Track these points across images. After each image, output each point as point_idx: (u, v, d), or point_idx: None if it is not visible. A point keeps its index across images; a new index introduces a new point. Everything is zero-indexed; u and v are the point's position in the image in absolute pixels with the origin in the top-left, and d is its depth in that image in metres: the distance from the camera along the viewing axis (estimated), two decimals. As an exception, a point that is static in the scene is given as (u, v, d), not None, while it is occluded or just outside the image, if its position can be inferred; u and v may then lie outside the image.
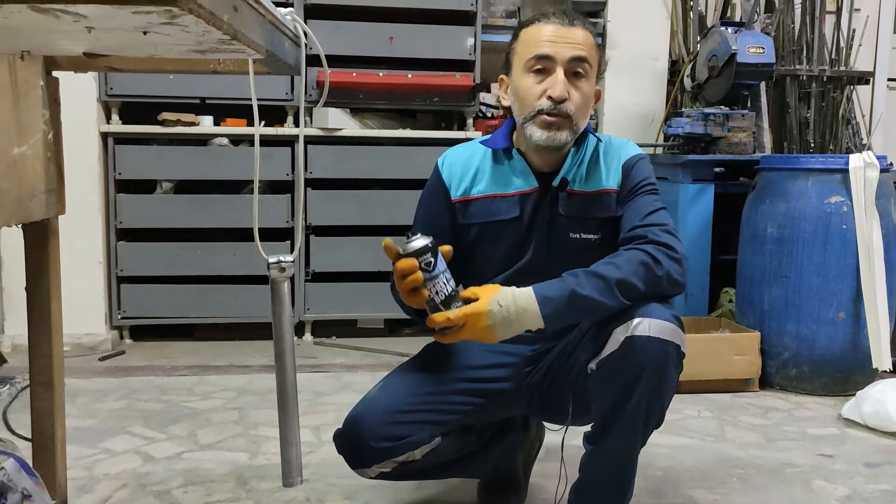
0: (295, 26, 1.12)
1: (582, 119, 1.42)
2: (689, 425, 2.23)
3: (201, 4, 0.64)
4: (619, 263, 1.29)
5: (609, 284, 1.26)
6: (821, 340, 2.49)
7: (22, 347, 2.85)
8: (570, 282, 1.27)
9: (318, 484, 1.76)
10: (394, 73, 3.06)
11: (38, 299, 1.22)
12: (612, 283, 1.26)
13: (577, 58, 1.38)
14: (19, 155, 1.07)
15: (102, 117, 3.00)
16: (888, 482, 1.84)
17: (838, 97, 3.34)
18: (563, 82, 1.37)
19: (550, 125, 1.38)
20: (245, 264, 3.01)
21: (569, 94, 1.38)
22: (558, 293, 1.26)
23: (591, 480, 1.38)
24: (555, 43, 1.37)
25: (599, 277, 1.27)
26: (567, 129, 1.40)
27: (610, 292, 1.26)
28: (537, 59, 1.38)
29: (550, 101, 1.37)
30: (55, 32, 0.74)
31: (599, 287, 1.26)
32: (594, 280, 1.26)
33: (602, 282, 1.26)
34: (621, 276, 1.27)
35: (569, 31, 1.38)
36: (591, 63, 1.40)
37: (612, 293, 1.26)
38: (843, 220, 2.46)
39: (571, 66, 1.38)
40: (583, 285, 1.26)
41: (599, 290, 1.26)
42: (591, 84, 1.42)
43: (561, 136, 1.40)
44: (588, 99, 1.42)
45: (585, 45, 1.39)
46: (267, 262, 1.14)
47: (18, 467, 1.09)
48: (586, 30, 1.41)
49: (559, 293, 1.26)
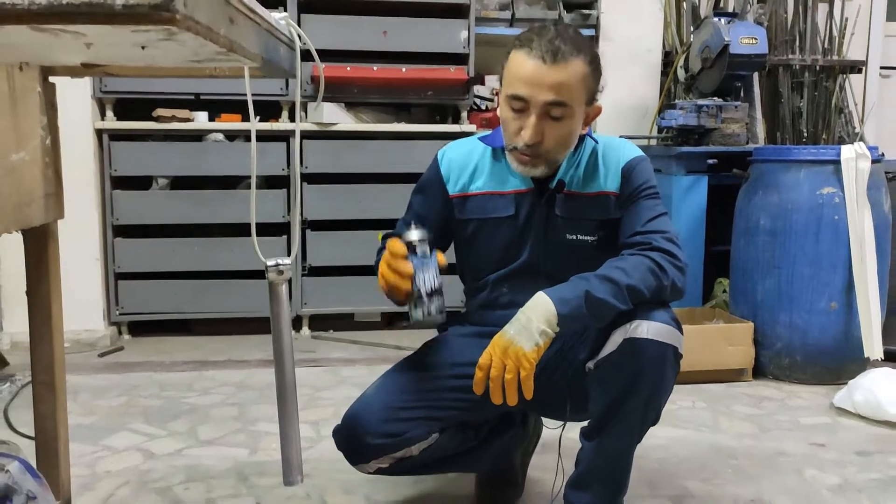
0: (290, 30, 1.13)
1: (562, 152, 1.41)
2: (683, 416, 2.26)
3: (198, 21, 0.65)
4: (628, 270, 1.30)
5: (621, 289, 1.28)
6: (813, 330, 2.52)
7: (21, 344, 2.87)
8: (584, 284, 1.28)
9: (318, 479, 1.78)
10: (388, 67, 3.06)
11: (39, 302, 1.23)
12: (624, 287, 1.28)
13: (552, 102, 1.33)
14: (18, 161, 1.08)
15: (97, 114, 3.00)
16: (879, 471, 1.87)
17: (831, 86, 3.36)
18: (534, 128, 1.34)
19: (525, 162, 1.39)
20: (242, 259, 3.02)
21: (543, 135, 1.35)
22: (573, 294, 1.27)
23: (588, 475, 1.40)
24: (531, 85, 1.32)
25: (611, 282, 1.28)
26: (542, 164, 1.40)
27: (622, 296, 1.28)
28: (513, 98, 1.35)
29: (523, 143, 1.36)
30: (54, 47, 0.75)
31: (612, 291, 1.27)
32: (607, 284, 1.28)
33: (615, 286, 1.28)
34: (632, 282, 1.28)
35: (548, 73, 1.31)
36: (571, 103, 1.34)
37: (624, 297, 1.28)
38: (835, 210, 2.48)
39: (547, 110, 1.34)
40: (596, 288, 1.27)
41: (613, 293, 1.27)
42: (574, 119, 1.37)
43: (536, 171, 1.41)
44: (569, 135, 1.38)
45: (566, 85, 1.32)
46: (265, 264, 1.15)
47: (23, 469, 1.11)
48: (573, 63, 1.32)
49: (574, 294, 1.27)
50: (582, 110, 1.39)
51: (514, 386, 1.25)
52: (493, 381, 1.25)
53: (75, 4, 0.59)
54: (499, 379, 1.25)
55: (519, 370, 1.24)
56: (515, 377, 1.24)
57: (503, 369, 1.24)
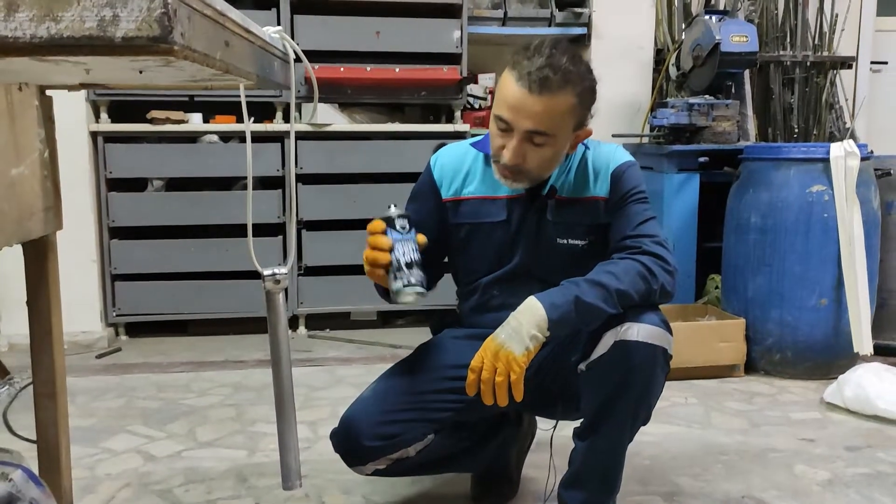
0: (283, 44, 1.15)
1: (546, 171, 1.42)
2: (676, 412, 2.29)
3: (195, 49, 0.67)
4: (618, 273, 1.32)
5: (610, 293, 1.30)
6: (804, 326, 2.55)
7: (19, 347, 2.88)
8: (574, 290, 1.30)
9: (316, 479, 1.81)
10: (381, 67, 3.08)
11: (39, 312, 1.25)
12: (613, 292, 1.30)
13: (533, 131, 1.33)
14: (17, 175, 1.10)
15: (91, 116, 3.01)
16: (868, 465, 1.91)
17: (822, 82, 3.38)
18: (514, 151, 1.35)
19: (507, 177, 1.40)
20: (238, 260, 3.03)
21: (525, 158, 1.36)
22: (563, 300, 1.29)
23: (580, 474, 1.43)
24: (515, 111, 1.32)
25: (601, 286, 1.30)
26: (524, 180, 1.41)
27: (611, 301, 1.30)
28: (498, 118, 1.36)
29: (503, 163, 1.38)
30: (54, 72, 0.77)
31: (602, 295, 1.30)
32: (597, 288, 1.30)
33: (605, 291, 1.30)
34: (621, 286, 1.31)
35: (532, 102, 1.31)
36: (554, 133, 1.34)
37: (613, 302, 1.30)
38: (825, 208, 2.51)
39: (528, 136, 1.34)
40: (586, 293, 1.29)
41: (602, 298, 1.30)
42: (557, 144, 1.37)
43: (519, 185, 1.43)
44: (551, 158, 1.39)
45: (549, 116, 1.32)
46: (262, 274, 1.17)
47: (26, 478, 1.13)
48: (560, 96, 1.31)
49: (565, 299, 1.29)
50: (567, 136, 1.39)
51: (504, 388, 1.27)
52: (484, 383, 1.28)
53: (76, 38, 0.61)
54: (490, 381, 1.28)
55: (509, 374, 1.26)
56: (506, 380, 1.27)
57: (494, 372, 1.27)
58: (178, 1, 0.62)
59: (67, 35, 0.61)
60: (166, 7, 0.61)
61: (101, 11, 0.60)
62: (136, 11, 0.61)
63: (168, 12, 0.61)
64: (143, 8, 0.61)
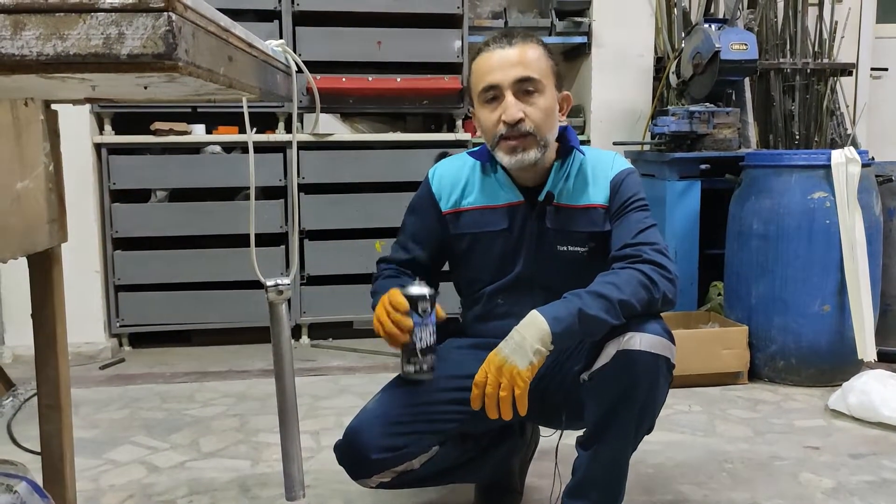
0: (286, 57, 1.16)
1: (548, 131, 1.43)
2: (680, 420, 2.29)
3: (199, 65, 0.68)
4: (620, 284, 1.33)
5: (613, 304, 1.30)
6: (807, 333, 2.55)
7: (22, 358, 2.89)
8: (577, 302, 1.30)
9: (320, 489, 1.81)
10: (383, 77, 3.09)
11: (44, 324, 1.25)
12: (616, 303, 1.30)
13: (521, 78, 1.39)
14: (23, 189, 1.11)
15: (95, 128, 3.02)
16: (873, 473, 1.90)
17: (822, 89, 3.39)
18: (514, 104, 1.39)
19: (514, 148, 1.42)
20: (241, 270, 3.03)
21: (524, 113, 1.40)
22: (566, 313, 1.29)
23: (584, 484, 1.43)
24: (497, 70, 1.39)
25: (604, 298, 1.31)
26: (533, 147, 1.42)
27: (614, 312, 1.30)
28: (485, 89, 1.41)
29: (507, 125, 1.40)
30: (60, 88, 0.78)
31: (605, 307, 1.30)
32: (599, 300, 1.30)
33: (607, 302, 1.30)
34: (623, 297, 1.31)
35: (509, 53, 1.39)
36: (540, 78, 1.40)
37: (616, 312, 1.31)
38: (827, 214, 2.51)
39: (520, 87, 1.39)
40: (589, 306, 1.29)
41: (605, 309, 1.30)
42: (547, 97, 1.42)
43: (528, 156, 1.42)
44: (548, 111, 1.42)
45: (529, 61, 1.40)
46: (265, 285, 1.18)
47: (31, 490, 1.13)
48: (529, 45, 1.41)
49: (567, 312, 1.29)
50: (553, 89, 1.44)
51: (508, 403, 1.28)
52: (488, 398, 1.29)
53: (81, 55, 0.62)
54: (494, 396, 1.28)
55: (513, 388, 1.27)
56: (510, 395, 1.27)
57: (498, 387, 1.28)
58: (182, 18, 0.63)
59: (74, 53, 0.62)
60: (171, 24, 0.62)
61: (106, 30, 0.61)
62: (141, 29, 0.62)
63: (173, 30, 0.62)
64: (149, 26, 0.61)
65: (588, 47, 3.42)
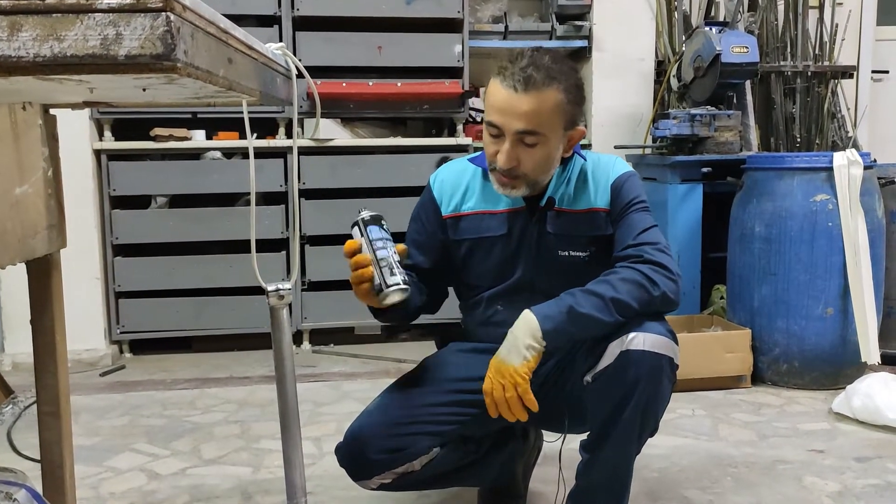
0: (286, 60, 1.15)
1: (542, 174, 1.42)
2: (683, 425, 2.27)
3: (198, 66, 0.67)
4: (615, 283, 1.33)
5: (606, 302, 1.30)
6: (810, 336, 2.54)
7: (22, 366, 2.88)
8: (569, 300, 1.31)
9: (321, 496, 1.79)
10: (383, 82, 3.09)
11: (43, 331, 1.24)
12: (609, 301, 1.30)
13: (523, 131, 1.35)
14: (21, 194, 1.10)
15: (95, 134, 3.02)
16: (878, 476, 1.89)
17: (823, 92, 3.38)
18: (508, 154, 1.36)
19: (504, 184, 1.42)
20: (241, 276, 3.03)
21: (519, 160, 1.37)
22: (557, 311, 1.31)
23: (588, 488, 1.42)
24: (503, 113, 1.35)
25: (596, 296, 1.31)
26: (522, 186, 1.41)
27: (607, 310, 1.30)
28: (489, 124, 1.38)
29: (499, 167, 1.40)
30: (58, 91, 0.77)
31: (597, 305, 1.30)
32: (591, 298, 1.31)
33: (600, 300, 1.30)
34: (618, 295, 1.31)
35: (519, 101, 1.33)
36: (544, 131, 1.36)
37: (610, 311, 1.30)
38: (829, 217, 2.50)
39: (520, 137, 1.36)
40: (581, 304, 1.30)
41: (597, 307, 1.30)
42: (549, 145, 1.38)
43: (516, 192, 1.43)
44: (544, 159, 1.39)
45: (537, 115, 1.34)
46: (266, 290, 1.17)
47: (30, 497, 1.12)
48: (546, 93, 1.33)
49: (558, 311, 1.31)
50: (559, 136, 1.40)
51: (516, 402, 1.29)
52: (497, 402, 1.30)
53: (79, 56, 0.61)
54: (502, 399, 1.30)
55: (516, 386, 1.28)
56: (515, 394, 1.29)
57: (503, 389, 1.29)
58: (180, 19, 0.63)
59: (71, 54, 0.61)
60: (169, 25, 0.61)
61: (104, 30, 0.61)
62: (139, 30, 0.61)
63: (171, 30, 0.61)
64: (147, 26, 0.61)
65: (589, 51, 3.42)
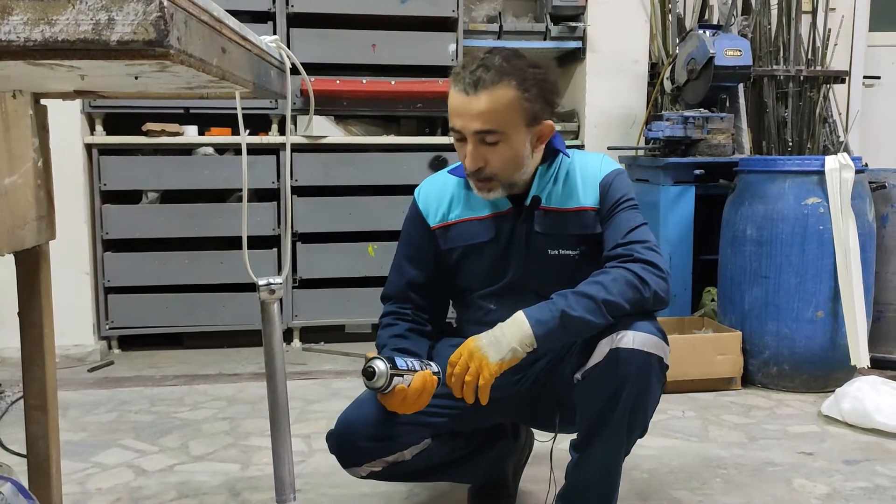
0: (280, 53, 1.14)
1: (513, 172, 1.41)
2: (673, 426, 2.27)
3: (191, 54, 0.67)
4: (607, 284, 1.32)
5: (598, 305, 1.30)
6: (800, 339, 2.55)
7: (10, 360, 2.85)
8: (561, 303, 1.30)
9: (310, 494, 1.78)
10: (377, 80, 3.08)
11: (31, 324, 1.23)
12: (601, 303, 1.30)
13: (481, 131, 1.34)
14: (11, 185, 1.09)
15: (86, 128, 3.00)
16: (867, 479, 1.90)
17: (815, 96, 3.40)
18: (473, 155, 1.37)
19: (480, 187, 1.43)
20: (232, 272, 3.02)
21: (485, 160, 1.38)
22: (550, 315, 1.30)
23: (577, 487, 1.42)
24: (460, 116, 1.36)
25: (588, 298, 1.30)
26: (497, 187, 1.42)
27: (599, 311, 1.30)
28: (452, 130, 1.39)
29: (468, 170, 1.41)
30: (49, 78, 0.76)
31: (589, 307, 1.30)
32: (583, 301, 1.30)
33: (592, 302, 1.30)
34: (609, 297, 1.31)
35: (471, 103, 1.33)
36: (503, 129, 1.35)
37: (602, 313, 1.30)
38: (820, 220, 2.51)
39: (480, 138, 1.36)
40: (573, 307, 1.30)
41: (589, 310, 1.30)
42: (512, 143, 1.37)
43: (494, 194, 1.44)
44: (511, 158, 1.39)
45: (491, 113, 1.33)
46: (257, 284, 1.16)
47: (16, 491, 1.11)
48: (496, 90, 1.32)
49: (551, 315, 1.30)
50: (521, 132, 1.38)
51: (472, 387, 1.31)
52: (455, 377, 1.32)
53: (70, 41, 0.60)
54: (461, 377, 1.31)
55: (478, 376, 1.29)
56: (474, 381, 1.30)
57: (465, 371, 1.30)
58: (174, 5, 0.62)
59: (62, 38, 0.60)
60: (162, 11, 0.60)
61: (96, 15, 0.60)
62: (131, 15, 0.60)
63: (164, 16, 0.60)
64: (139, 11, 0.60)
65: (583, 52, 3.42)
